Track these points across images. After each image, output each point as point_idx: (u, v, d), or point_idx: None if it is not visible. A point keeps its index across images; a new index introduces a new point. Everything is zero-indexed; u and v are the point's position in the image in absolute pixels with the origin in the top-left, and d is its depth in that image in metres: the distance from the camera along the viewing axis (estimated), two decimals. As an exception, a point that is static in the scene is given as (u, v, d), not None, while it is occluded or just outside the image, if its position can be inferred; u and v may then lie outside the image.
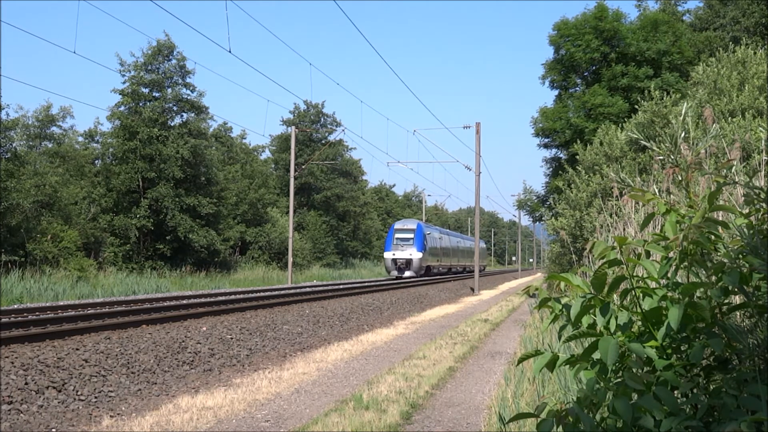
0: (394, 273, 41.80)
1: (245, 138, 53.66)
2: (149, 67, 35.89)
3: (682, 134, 2.85)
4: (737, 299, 2.50)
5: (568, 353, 2.53)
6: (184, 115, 37.44)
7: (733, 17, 28.58)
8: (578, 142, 22.66)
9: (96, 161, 37.88)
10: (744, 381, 2.15)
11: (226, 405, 7.12)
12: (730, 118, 13.16)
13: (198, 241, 34.83)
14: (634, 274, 2.36)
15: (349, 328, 15.46)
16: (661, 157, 2.89)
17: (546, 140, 29.89)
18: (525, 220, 55.29)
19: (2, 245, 24.48)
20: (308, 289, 26.16)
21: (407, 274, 41.44)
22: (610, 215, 7.14)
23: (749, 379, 2.15)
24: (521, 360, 2.61)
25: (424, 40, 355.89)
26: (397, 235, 42.46)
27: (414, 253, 41.63)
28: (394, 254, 41.90)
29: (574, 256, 12.69)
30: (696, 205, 2.59)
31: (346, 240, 60.09)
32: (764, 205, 2.41)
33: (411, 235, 42.11)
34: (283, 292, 23.33)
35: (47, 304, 16.58)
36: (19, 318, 12.70)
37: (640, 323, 2.39)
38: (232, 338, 11.87)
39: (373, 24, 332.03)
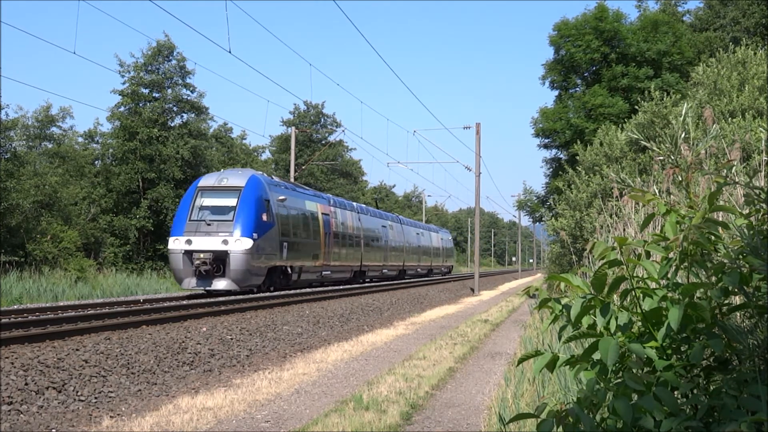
0: (191, 282, 19.62)
1: (245, 138, 53.87)
2: (149, 68, 35.94)
3: (683, 135, 2.85)
4: (737, 300, 2.50)
5: (568, 354, 2.53)
6: (184, 115, 37.51)
7: (734, 18, 28.61)
8: (578, 142, 22.66)
9: (96, 162, 37.94)
10: (744, 381, 2.16)
11: (226, 405, 7.12)
12: (730, 119, 13.16)
13: (198, 241, 34.83)
14: (634, 274, 2.36)
15: (349, 328, 15.46)
16: (662, 158, 2.89)
17: (546, 141, 29.93)
18: (525, 221, 55.17)
19: (2, 245, 24.50)
20: (308, 290, 26.15)
21: (219, 285, 19.50)
22: (610, 216, 7.15)
23: (749, 379, 2.15)
24: (521, 360, 2.62)
25: (424, 40, 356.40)
26: (202, 200, 20.30)
27: (234, 241, 19.39)
28: (189, 242, 19.49)
29: (574, 256, 12.70)
30: (696, 205, 2.59)
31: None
32: (764, 205, 2.41)
33: (232, 201, 19.95)
34: (282, 292, 23.31)
35: (47, 305, 16.56)
36: (19, 318, 12.70)
37: (640, 324, 2.39)
38: (232, 339, 11.87)
39: (373, 24, 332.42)
